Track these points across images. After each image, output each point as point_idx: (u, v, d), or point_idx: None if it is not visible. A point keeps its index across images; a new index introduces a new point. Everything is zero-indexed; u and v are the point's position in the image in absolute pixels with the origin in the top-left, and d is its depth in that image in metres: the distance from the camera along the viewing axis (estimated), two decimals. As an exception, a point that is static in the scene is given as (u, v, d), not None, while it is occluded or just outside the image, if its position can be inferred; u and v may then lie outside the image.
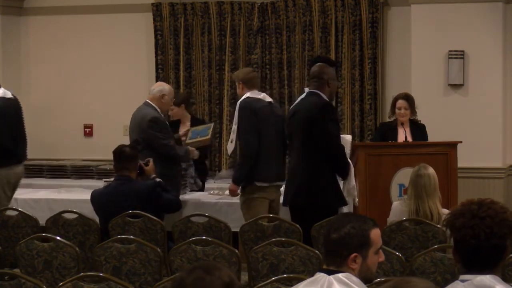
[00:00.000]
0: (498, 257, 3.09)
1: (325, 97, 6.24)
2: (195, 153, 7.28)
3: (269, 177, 6.87)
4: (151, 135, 7.07)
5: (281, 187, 6.92)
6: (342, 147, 6.30)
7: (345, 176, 6.30)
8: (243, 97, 6.87)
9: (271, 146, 6.85)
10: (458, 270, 3.19)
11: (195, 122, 8.15)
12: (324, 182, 6.19)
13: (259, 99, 6.88)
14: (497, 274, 3.10)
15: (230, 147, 7.05)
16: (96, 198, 6.46)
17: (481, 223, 3.05)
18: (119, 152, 6.43)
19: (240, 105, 6.82)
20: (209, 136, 7.40)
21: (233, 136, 7.00)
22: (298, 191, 6.25)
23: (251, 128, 6.77)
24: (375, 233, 3.39)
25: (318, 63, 6.46)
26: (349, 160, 6.52)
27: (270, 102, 6.98)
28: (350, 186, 6.33)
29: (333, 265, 3.35)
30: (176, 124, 8.05)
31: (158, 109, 7.21)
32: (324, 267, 3.39)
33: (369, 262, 3.36)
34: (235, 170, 7.09)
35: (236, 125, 6.85)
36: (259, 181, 6.86)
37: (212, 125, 7.53)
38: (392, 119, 7.83)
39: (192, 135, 7.41)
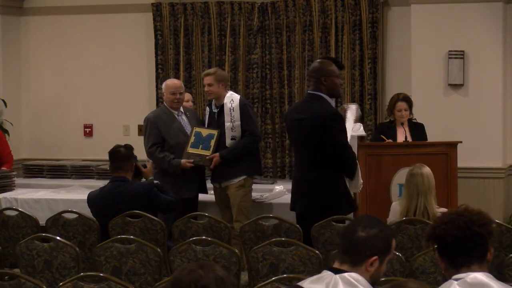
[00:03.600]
0: (481, 248, 3.12)
1: (328, 98, 6.15)
2: (187, 166, 7.16)
3: (262, 171, 7.68)
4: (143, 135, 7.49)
5: None
6: (353, 154, 6.21)
7: (353, 177, 6.23)
8: (238, 96, 7.33)
9: None
10: (444, 278, 3.20)
11: None
12: (336, 191, 6.08)
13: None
14: (486, 271, 3.13)
15: (231, 144, 7.15)
16: (93, 201, 6.41)
17: (460, 215, 3.17)
18: (114, 153, 6.40)
19: (244, 102, 7.27)
20: (210, 152, 7.14)
21: (234, 133, 7.15)
22: (311, 200, 6.13)
23: (257, 123, 7.42)
24: (394, 242, 3.43)
25: (318, 60, 6.41)
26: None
27: None
28: (358, 184, 6.27)
29: (348, 263, 3.33)
30: None
31: (169, 107, 7.36)
32: (335, 265, 3.37)
33: (382, 268, 3.37)
34: (235, 152, 7.13)
35: (239, 122, 7.12)
36: (258, 175, 7.28)
37: (216, 134, 7.18)
38: (388, 119, 7.82)
39: (194, 140, 7.22)
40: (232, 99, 7.19)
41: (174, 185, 6.92)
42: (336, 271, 3.31)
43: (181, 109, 7.40)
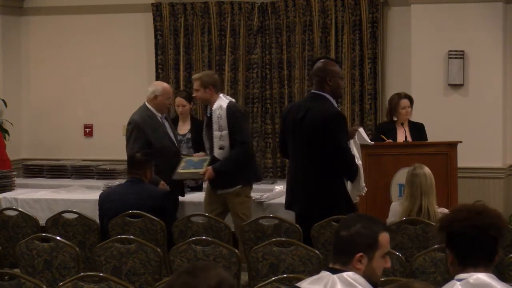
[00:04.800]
0: (492, 252, 3.12)
1: (330, 98, 6.14)
2: (165, 188, 6.96)
3: (261, 177, 7.37)
4: (126, 137, 7.21)
5: None
6: (351, 156, 6.18)
7: (353, 180, 6.22)
8: (228, 100, 6.99)
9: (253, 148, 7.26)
10: (451, 273, 3.20)
11: (194, 122, 8.15)
12: (336, 191, 6.09)
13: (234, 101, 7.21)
14: (490, 271, 3.13)
15: (221, 154, 6.94)
16: (106, 196, 6.52)
17: (480, 215, 3.15)
18: (130, 157, 6.58)
19: (233, 108, 6.93)
20: (203, 170, 7.00)
21: (222, 142, 6.92)
22: (310, 200, 6.13)
23: (248, 130, 7.10)
24: (384, 237, 3.38)
25: (321, 60, 6.39)
26: (359, 162, 6.36)
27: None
28: (360, 187, 6.24)
29: (338, 263, 3.34)
30: (176, 121, 8.09)
31: (154, 110, 7.22)
32: (330, 265, 3.38)
33: (374, 265, 3.34)
34: (228, 164, 6.89)
35: (227, 131, 6.87)
36: (257, 182, 7.12)
37: (208, 158, 7.07)
38: (394, 119, 7.77)
39: (186, 164, 7.13)
40: (220, 105, 6.93)
41: None
42: (334, 271, 3.31)
43: None
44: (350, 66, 8.95)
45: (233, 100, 7.23)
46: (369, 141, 6.67)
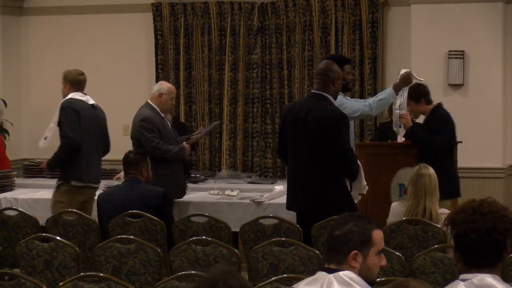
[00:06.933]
0: (497, 254, 3.10)
1: (332, 99, 6.14)
2: (188, 150, 7.38)
3: (87, 178, 7.14)
4: (141, 135, 7.23)
5: (97, 189, 7.17)
6: (354, 156, 6.18)
7: (353, 179, 6.22)
8: (67, 97, 7.23)
9: (91, 147, 7.16)
10: (458, 270, 3.19)
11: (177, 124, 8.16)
12: (337, 191, 6.09)
13: (82, 100, 7.24)
14: (497, 274, 3.10)
15: (43, 143, 7.23)
16: (105, 197, 6.50)
17: (482, 218, 3.09)
18: (124, 158, 6.56)
19: (62, 104, 7.17)
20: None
21: (48, 134, 7.21)
22: (312, 200, 6.11)
23: (74, 127, 7.08)
24: (377, 234, 3.39)
25: (325, 60, 6.38)
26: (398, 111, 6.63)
27: (92, 105, 7.33)
28: (361, 186, 6.24)
29: (333, 263, 3.35)
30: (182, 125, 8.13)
31: (158, 109, 7.25)
32: (325, 265, 3.38)
33: (369, 262, 3.35)
34: (55, 157, 7.16)
35: (55, 124, 7.13)
36: (76, 181, 7.09)
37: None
38: (389, 119, 7.84)
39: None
40: (63, 100, 7.20)
41: None
42: (330, 271, 3.32)
43: None
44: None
45: (82, 98, 7.29)
46: (420, 78, 6.95)
